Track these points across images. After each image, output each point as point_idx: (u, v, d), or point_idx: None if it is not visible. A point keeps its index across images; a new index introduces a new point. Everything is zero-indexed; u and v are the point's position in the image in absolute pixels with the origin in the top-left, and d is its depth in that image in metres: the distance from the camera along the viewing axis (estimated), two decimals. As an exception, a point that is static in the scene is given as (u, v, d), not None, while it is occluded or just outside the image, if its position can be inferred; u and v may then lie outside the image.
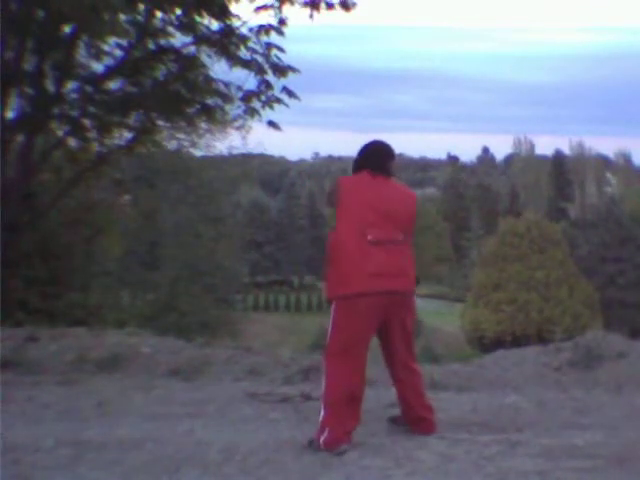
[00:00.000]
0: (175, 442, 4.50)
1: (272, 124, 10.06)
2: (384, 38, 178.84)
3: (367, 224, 4.46)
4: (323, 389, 4.46)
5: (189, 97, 10.17)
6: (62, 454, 4.32)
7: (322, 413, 4.41)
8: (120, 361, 6.50)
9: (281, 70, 9.63)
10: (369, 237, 4.45)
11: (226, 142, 21.51)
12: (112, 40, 9.62)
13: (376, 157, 4.69)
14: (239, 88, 9.96)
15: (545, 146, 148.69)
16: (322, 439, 4.35)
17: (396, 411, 4.81)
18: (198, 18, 9.64)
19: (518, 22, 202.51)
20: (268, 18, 9.49)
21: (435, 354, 35.78)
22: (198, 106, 10.31)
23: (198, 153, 20.99)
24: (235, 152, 25.29)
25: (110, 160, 11.33)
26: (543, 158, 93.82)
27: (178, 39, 9.96)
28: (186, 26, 9.68)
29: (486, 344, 41.92)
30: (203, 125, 12.41)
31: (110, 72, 10.08)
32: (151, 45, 10.07)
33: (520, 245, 46.80)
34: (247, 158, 30.59)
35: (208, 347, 6.95)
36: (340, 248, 4.45)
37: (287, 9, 9.48)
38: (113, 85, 10.39)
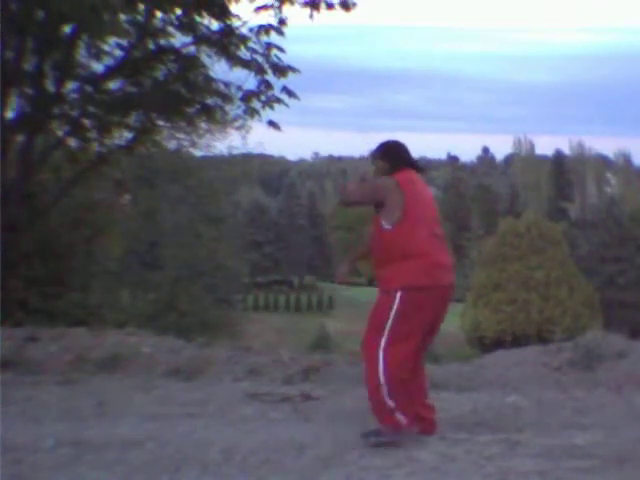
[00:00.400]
0: (175, 442, 4.50)
1: (272, 124, 10.07)
2: (384, 38, 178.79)
3: (430, 219, 4.62)
4: (383, 379, 4.39)
5: (189, 97, 10.17)
6: (62, 454, 4.32)
7: (388, 402, 4.38)
8: (120, 361, 6.50)
9: (281, 70, 9.63)
10: (437, 231, 4.62)
11: (226, 142, 21.52)
12: (112, 40, 9.62)
13: (407, 155, 4.80)
14: (239, 88, 9.96)
15: (545, 146, 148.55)
16: (402, 421, 4.36)
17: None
18: (198, 18, 9.64)
19: (518, 22, 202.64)
20: (268, 18, 9.50)
21: (435, 354, 35.73)
22: (198, 106, 10.31)
23: (198, 153, 21.00)
24: (235, 152, 25.30)
25: (110, 160, 11.32)
26: (543, 158, 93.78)
27: (178, 39, 9.97)
28: (186, 26, 9.68)
29: (486, 344, 41.88)
30: (203, 125, 12.42)
31: (110, 72, 10.08)
32: (151, 45, 10.07)
33: (520, 245, 46.77)
34: (247, 158, 30.57)
35: (208, 347, 6.94)
36: (411, 240, 4.53)
37: (287, 9, 9.49)
38: (113, 85, 10.39)
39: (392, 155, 4.75)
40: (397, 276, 4.52)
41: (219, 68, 10.02)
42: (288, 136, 13.74)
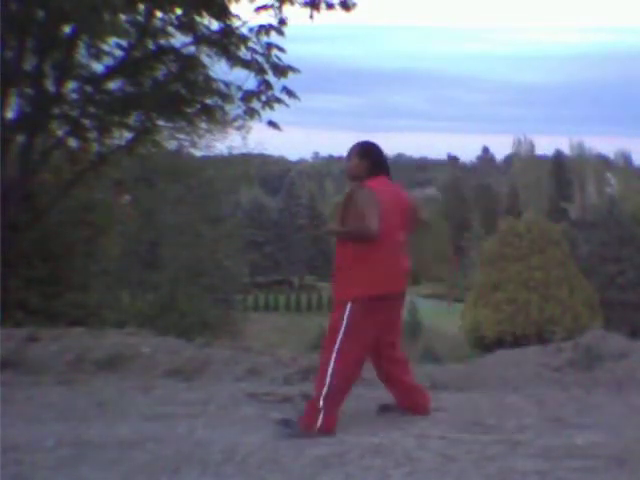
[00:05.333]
0: (175, 442, 4.49)
1: (272, 124, 10.07)
2: (384, 38, 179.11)
3: (394, 226, 4.58)
4: (329, 380, 4.51)
5: (189, 97, 10.17)
6: (62, 454, 4.31)
7: (322, 402, 4.52)
8: (120, 361, 6.49)
9: (281, 70, 9.64)
10: (399, 239, 4.63)
11: (226, 142, 21.56)
12: (112, 40, 9.63)
13: (384, 159, 4.81)
14: (239, 88, 9.97)
15: (545, 146, 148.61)
16: (319, 424, 4.51)
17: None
18: (198, 18, 9.65)
19: (517, 22, 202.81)
20: (268, 18, 9.52)
21: (435, 354, 35.76)
22: (198, 106, 10.32)
23: (198, 153, 21.04)
24: (235, 152, 25.35)
25: (110, 160, 11.33)
26: (543, 158, 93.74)
27: (178, 39, 9.98)
28: (186, 26, 9.69)
29: (486, 344, 41.87)
30: (203, 125, 12.42)
31: (110, 72, 10.09)
32: (151, 45, 10.09)
33: (520, 245, 46.74)
34: (247, 158, 30.60)
35: (208, 347, 6.94)
36: (376, 249, 4.51)
37: (287, 9, 9.51)
38: (113, 85, 10.40)
39: (373, 157, 4.74)
40: (356, 285, 4.52)
41: (219, 68, 10.06)
42: (288, 136, 13.80)
